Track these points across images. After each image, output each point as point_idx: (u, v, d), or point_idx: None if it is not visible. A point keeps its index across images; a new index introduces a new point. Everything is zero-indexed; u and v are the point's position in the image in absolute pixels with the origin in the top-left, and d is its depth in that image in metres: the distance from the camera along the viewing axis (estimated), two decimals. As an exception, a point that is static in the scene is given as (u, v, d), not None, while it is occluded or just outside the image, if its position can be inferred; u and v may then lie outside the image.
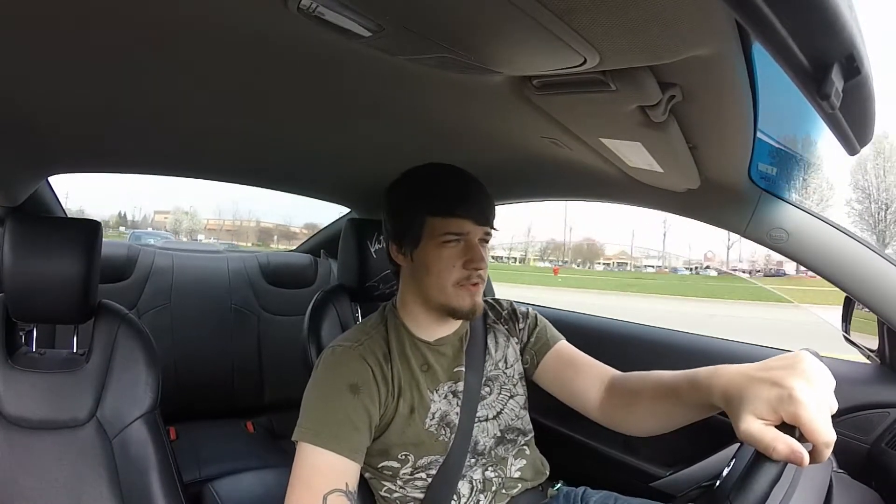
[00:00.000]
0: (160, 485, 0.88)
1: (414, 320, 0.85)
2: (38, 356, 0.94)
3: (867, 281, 0.86)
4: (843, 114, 0.41)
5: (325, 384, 0.77)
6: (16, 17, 0.54)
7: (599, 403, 0.84)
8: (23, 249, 0.89)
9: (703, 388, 0.65)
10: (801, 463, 0.51)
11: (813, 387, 0.53)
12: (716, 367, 0.64)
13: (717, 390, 0.62)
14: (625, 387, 0.81)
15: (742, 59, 0.48)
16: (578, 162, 0.98)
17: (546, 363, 0.91)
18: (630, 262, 27.98)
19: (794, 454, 0.51)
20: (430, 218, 0.79)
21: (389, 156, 1.12)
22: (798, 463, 0.51)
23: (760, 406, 0.54)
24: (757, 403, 0.55)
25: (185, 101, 0.83)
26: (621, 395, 0.81)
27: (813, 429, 0.51)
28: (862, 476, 0.79)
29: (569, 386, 0.88)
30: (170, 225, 25.86)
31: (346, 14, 0.46)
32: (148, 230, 20.50)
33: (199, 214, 26.53)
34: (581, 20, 0.43)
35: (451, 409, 0.82)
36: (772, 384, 0.54)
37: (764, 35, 0.32)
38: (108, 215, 19.47)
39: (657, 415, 0.75)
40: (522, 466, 0.88)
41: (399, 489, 0.81)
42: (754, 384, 0.56)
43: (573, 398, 0.87)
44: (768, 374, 0.56)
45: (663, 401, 0.73)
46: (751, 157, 0.74)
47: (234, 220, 26.53)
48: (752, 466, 0.54)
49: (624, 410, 0.80)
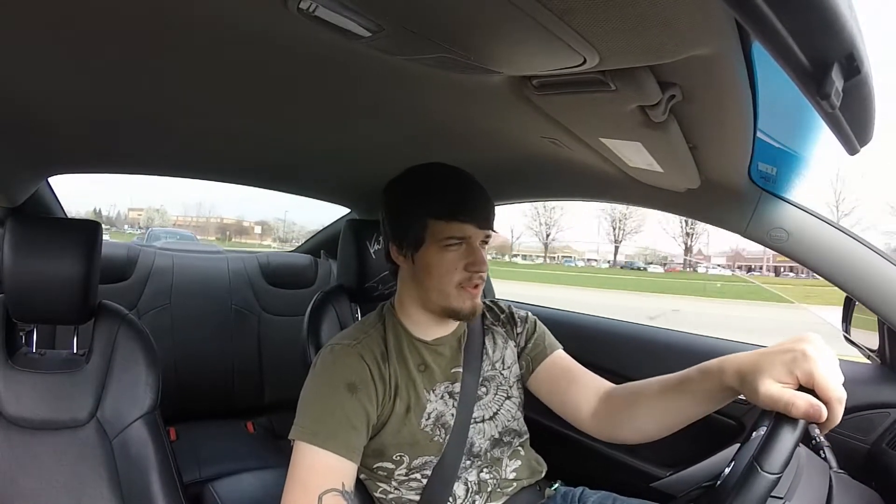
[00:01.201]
0: (160, 485, 0.88)
1: (412, 320, 0.85)
2: (38, 357, 0.94)
3: (867, 281, 0.85)
4: (843, 113, 0.41)
5: (323, 383, 0.77)
6: (16, 18, 0.54)
7: (593, 414, 0.83)
8: (23, 250, 0.89)
9: (715, 372, 0.68)
10: (819, 417, 0.55)
11: (822, 350, 0.58)
12: (724, 356, 0.68)
13: (729, 370, 0.65)
14: (625, 392, 0.81)
15: (742, 58, 0.48)
16: (578, 162, 0.98)
17: (541, 371, 0.91)
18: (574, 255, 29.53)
19: (812, 408, 0.55)
20: (432, 221, 0.79)
21: (389, 156, 1.11)
22: (816, 418, 0.55)
23: (777, 369, 0.59)
24: (773, 368, 0.59)
25: (184, 101, 0.83)
26: (621, 401, 0.81)
27: (826, 384, 0.55)
28: (862, 476, 0.79)
29: (561, 396, 0.88)
30: (143, 221, 27.39)
31: (345, 14, 0.46)
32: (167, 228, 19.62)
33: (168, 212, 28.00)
34: (581, 20, 0.43)
35: (446, 409, 0.82)
36: (785, 350, 0.60)
37: (764, 35, 0.32)
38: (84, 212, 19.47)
39: (661, 413, 0.76)
40: (518, 467, 0.88)
41: (394, 490, 0.81)
42: (768, 355, 0.61)
43: (564, 407, 0.87)
44: (780, 345, 0.61)
45: (670, 396, 0.74)
46: (751, 156, 0.74)
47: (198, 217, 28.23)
48: (773, 429, 0.57)
49: (624, 415, 0.80)
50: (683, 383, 0.73)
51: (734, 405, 1.06)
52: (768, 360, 0.60)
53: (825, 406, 0.55)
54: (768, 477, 0.54)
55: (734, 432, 1.07)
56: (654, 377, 0.78)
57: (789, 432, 0.56)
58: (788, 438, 0.55)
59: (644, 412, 0.77)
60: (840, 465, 0.79)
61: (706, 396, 0.70)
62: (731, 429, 1.08)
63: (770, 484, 0.54)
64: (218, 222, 29.27)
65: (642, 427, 0.78)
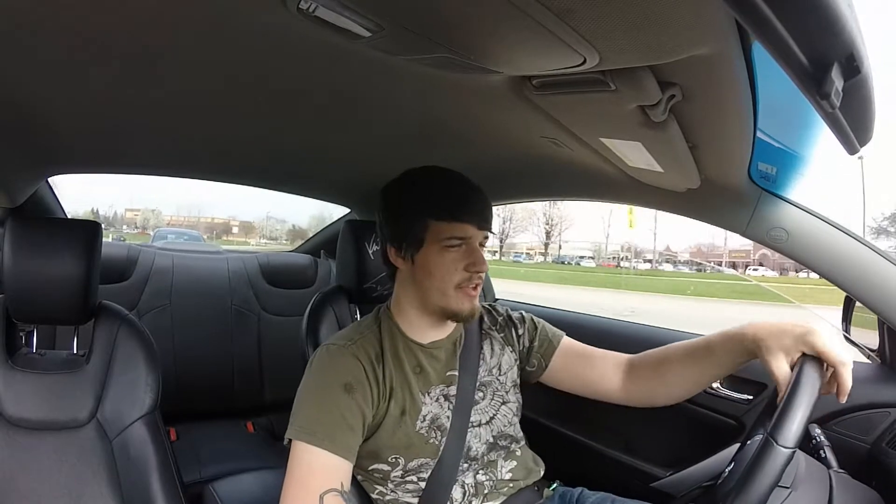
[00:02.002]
0: (160, 485, 0.88)
1: (408, 322, 0.85)
2: (38, 357, 0.94)
3: (867, 280, 0.86)
4: (842, 113, 0.41)
5: (319, 383, 0.77)
6: (16, 18, 0.54)
7: (621, 384, 0.89)
8: (23, 250, 0.88)
9: (737, 336, 0.77)
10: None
11: (828, 329, 0.67)
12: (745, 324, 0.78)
13: (749, 334, 0.74)
14: (649, 359, 0.88)
15: (742, 58, 0.48)
16: (578, 162, 0.98)
17: (556, 362, 0.92)
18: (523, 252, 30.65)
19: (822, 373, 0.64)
20: (433, 222, 0.79)
21: (389, 155, 1.11)
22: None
23: (788, 340, 0.69)
24: (785, 339, 0.69)
25: (184, 101, 0.83)
26: (648, 368, 0.87)
27: (831, 352, 0.65)
28: (862, 476, 0.79)
29: (585, 376, 0.91)
30: (139, 221, 29.18)
31: (345, 14, 0.46)
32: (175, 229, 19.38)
33: (163, 212, 30.62)
34: (581, 20, 0.43)
35: (442, 412, 0.82)
36: (796, 325, 0.69)
37: (764, 35, 0.32)
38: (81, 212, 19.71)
39: (689, 375, 0.83)
40: (513, 468, 0.88)
41: (391, 492, 0.81)
42: (782, 327, 0.71)
43: (592, 386, 0.91)
44: (792, 321, 0.71)
45: (695, 360, 0.82)
46: (751, 156, 0.75)
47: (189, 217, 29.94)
48: (786, 403, 0.61)
49: (654, 381, 0.86)
50: (707, 347, 0.81)
51: (734, 405, 1.07)
52: (781, 330, 0.70)
53: (834, 372, 0.65)
54: (783, 451, 0.56)
55: (734, 432, 1.07)
56: (673, 343, 0.87)
57: (802, 406, 0.59)
58: (802, 410, 0.59)
59: (673, 376, 0.84)
60: (840, 465, 0.79)
61: (728, 358, 0.79)
62: (731, 429, 1.08)
63: (786, 458, 0.56)
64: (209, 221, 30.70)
65: (672, 391, 0.85)
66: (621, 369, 0.90)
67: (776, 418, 0.59)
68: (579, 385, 0.92)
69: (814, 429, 0.84)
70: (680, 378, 0.84)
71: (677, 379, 0.84)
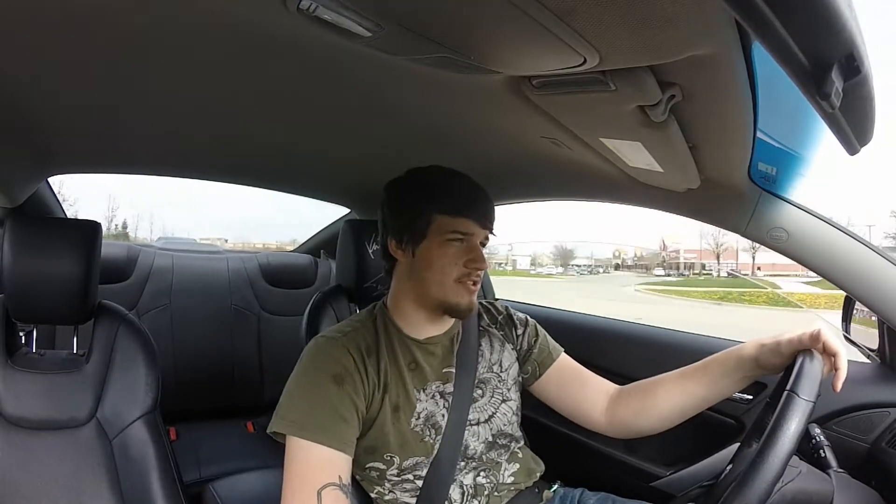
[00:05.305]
0: (160, 485, 0.88)
1: (405, 317, 0.85)
2: (38, 357, 0.94)
3: (867, 280, 0.86)
4: (843, 113, 0.41)
5: (308, 375, 0.77)
6: (16, 18, 0.54)
7: (605, 411, 0.89)
8: (23, 250, 0.88)
9: (733, 351, 0.80)
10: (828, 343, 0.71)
11: (825, 326, 0.72)
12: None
13: (748, 345, 0.78)
14: (638, 387, 0.88)
15: (742, 58, 0.48)
16: (578, 162, 0.98)
17: (549, 375, 0.92)
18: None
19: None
20: (438, 216, 0.79)
21: (389, 156, 1.11)
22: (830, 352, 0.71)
23: (785, 339, 0.74)
24: (783, 339, 0.74)
25: (185, 101, 0.83)
26: (638, 391, 0.87)
27: (828, 340, 0.70)
28: (862, 476, 0.79)
29: (573, 398, 0.91)
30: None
31: (345, 14, 0.46)
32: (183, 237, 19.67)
33: (228, 240, 31.29)
34: (581, 20, 0.43)
35: (437, 409, 0.81)
36: (794, 330, 0.74)
37: (764, 35, 0.32)
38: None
39: (682, 398, 0.83)
40: (516, 471, 0.87)
41: (389, 492, 0.81)
42: (782, 335, 0.75)
43: (576, 408, 0.91)
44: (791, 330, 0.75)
45: (691, 380, 0.83)
46: (751, 156, 0.75)
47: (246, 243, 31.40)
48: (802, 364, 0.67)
49: (644, 402, 0.85)
50: (702, 368, 0.82)
51: (734, 405, 1.07)
52: (779, 334, 0.75)
53: (833, 358, 0.70)
54: (806, 402, 0.61)
55: (734, 432, 1.07)
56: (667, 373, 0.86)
57: (816, 365, 0.66)
58: (816, 369, 0.66)
59: (665, 400, 0.83)
60: (840, 464, 0.79)
61: (724, 375, 0.80)
62: (731, 428, 1.08)
63: (808, 410, 0.60)
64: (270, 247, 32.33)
65: (663, 414, 0.84)
66: (608, 396, 0.90)
67: (796, 375, 0.65)
68: (563, 403, 0.92)
69: (813, 428, 0.84)
70: (671, 401, 0.83)
71: (668, 402, 0.83)
